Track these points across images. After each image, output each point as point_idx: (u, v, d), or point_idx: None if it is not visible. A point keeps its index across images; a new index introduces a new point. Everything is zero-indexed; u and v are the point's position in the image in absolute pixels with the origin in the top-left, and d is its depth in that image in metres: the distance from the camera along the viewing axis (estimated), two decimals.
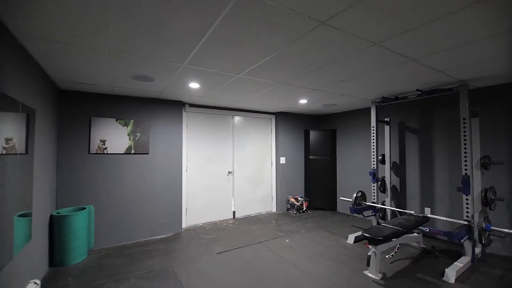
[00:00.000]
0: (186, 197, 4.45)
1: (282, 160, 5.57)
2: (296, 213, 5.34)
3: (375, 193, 3.93)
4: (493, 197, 2.99)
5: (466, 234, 2.84)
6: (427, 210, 3.93)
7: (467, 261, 2.82)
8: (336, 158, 5.75)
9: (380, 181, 4.23)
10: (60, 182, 3.31)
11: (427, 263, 3.00)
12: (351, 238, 3.69)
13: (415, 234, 3.29)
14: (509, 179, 3.16)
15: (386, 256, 3.20)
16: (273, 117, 5.65)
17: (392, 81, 3.04)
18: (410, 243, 3.52)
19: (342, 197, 4.58)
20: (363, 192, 4.08)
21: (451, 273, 2.59)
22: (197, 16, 1.60)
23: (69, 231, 2.95)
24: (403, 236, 2.93)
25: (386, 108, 4.60)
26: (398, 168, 4.43)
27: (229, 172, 5.01)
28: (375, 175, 3.92)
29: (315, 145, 5.74)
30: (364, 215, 3.99)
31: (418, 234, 3.32)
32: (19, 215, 1.95)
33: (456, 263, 2.76)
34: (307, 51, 2.16)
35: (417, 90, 3.32)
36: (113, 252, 3.36)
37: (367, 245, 3.51)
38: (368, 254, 2.71)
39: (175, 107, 4.21)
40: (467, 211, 2.89)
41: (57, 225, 2.92)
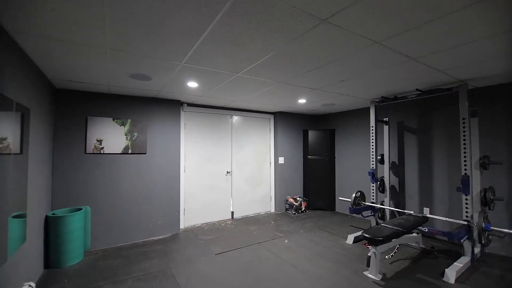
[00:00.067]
0: (184, 198, 4.41)
1: (281, 160, 5.54)
2: (294, 213, 5.32)
3: (374, 193, 3.92)
4: (492, 197, 2.99)
5: (465, 234, 2.84)
6: (426, 210, 3.93)
7: (466, 261, 2.82)
8: (335, 158, 5.74)
9: (379, 181, 4.22)
10: (56, 183, 3.25)
11: (426, 263, 3.00)
12: (350, 239, 3.68)
13: (414, 234, 3.28)
14: (508, 179, 3.17)
15: (386, 256, 3.19)
16: (271, 117, 5.62)
17: (392, 80, 3.03)
18: (409, 243, 3.51)
19: (341, 197, 4.58)
20: (362, 192, 4.07)
21: (451, 274, 2.58)
22: (196, 13, 1.57)
23: (65, 232, 2.90)
24: (402, 236, 2.92)
25: (385, 108, 4.59)
26: (397, 168, 4.43)
27: (228, 172, 4.98)
28: (374, 175, 3.91)
29: (314, 145, 5.72)
30: (363, 215, 3.99)
31: (418, 234, 3.31)
32: (13, 216, 1.91)
33: (455, 263, 2.75)
34: (308, 50, 2.14)
35: (416, 90, 3.32)
36: (110, 254, 3.31)
37: (366, 245, 3.50)
38: (368, 254, 2.70)
39: (173, 106, 4.17)
40: (467, 211, 2.89)
41: (53, 226, 2.87)
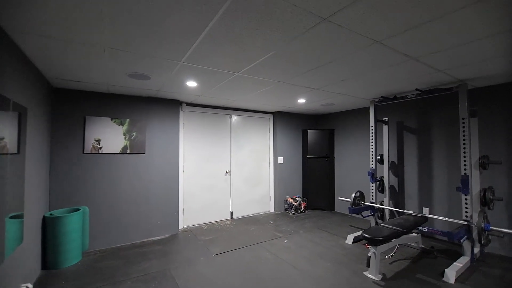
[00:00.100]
0: (183, 198, 4.39)
1: (280, 160, 5.53)
2: (294, 213, 5.31)
3: (374, 193, 3.92)
4: (491, 197, 2.99)
5: (465, 234, 2.83)
6: (426, 210, 3.93)
7: (466, 261, 2.82)
8: (334, 158, 5.74)
9: (378, 181, 4.22)
10: (54, 183, 3.22)
11: (426, 264, 2.99)
12: (349, 239, 3.67)
13: (414, 234, 3.28)
14: (508, 179, 3.17)
15: (386, 256, 3.18)
16: (271, 117, 5.61)
17: (392, 80, 3.02)
18: (409, 243, 3.51)
19: (340, 197, 4.58)
20: (361, 192, 4.06)
21: (451, 274, 2.58)
22: (195, 12, 1.55)
23: (62, 233, 2.88)
24: (402, 236, 2.92)
25: (385, 107, 4.59)
26: (396, 168, 4.43)
27: (227, 172, 4.96)
28: (373, 175, 3.90)
29: (313, 145, 5.72)
30: (362, 215, 3.98)
31: (417, 234, 3.31)
32: (10, 217, 1.89)
33: (455, 263, 2.75)
34: (308, 49, 2.13)
35: (416, 89, 3.31)
36: (108, 254, 3.28)
37: (366, 245, 3.49)
38: (368, 254, 2.69)
39: (172, 106, 4.15)
40: (466, 211, 2.89)
41: (50, 227, 2.84)
